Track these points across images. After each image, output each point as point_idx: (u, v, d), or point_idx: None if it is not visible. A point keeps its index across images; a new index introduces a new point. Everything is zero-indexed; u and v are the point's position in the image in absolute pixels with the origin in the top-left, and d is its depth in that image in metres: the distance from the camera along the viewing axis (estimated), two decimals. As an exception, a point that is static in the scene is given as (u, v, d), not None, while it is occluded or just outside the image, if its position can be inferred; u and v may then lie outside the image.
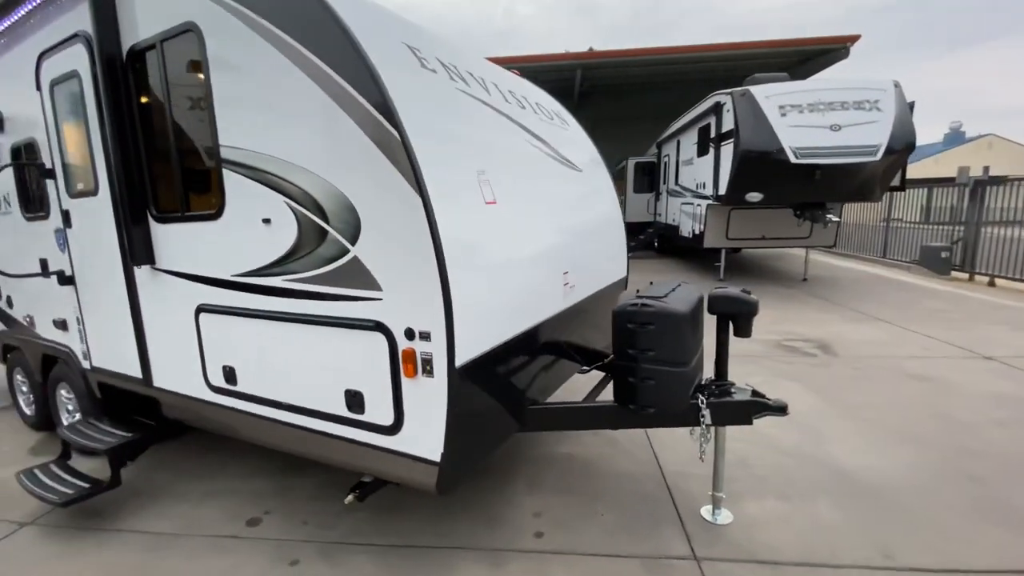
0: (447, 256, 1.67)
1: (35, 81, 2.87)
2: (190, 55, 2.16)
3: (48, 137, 2.93)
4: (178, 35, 2.18)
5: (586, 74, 16.34)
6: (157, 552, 2.46)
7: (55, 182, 2.97)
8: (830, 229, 9.22)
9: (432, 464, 1.81)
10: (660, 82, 17.68)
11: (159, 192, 2.51)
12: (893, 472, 2.99)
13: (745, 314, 2.34)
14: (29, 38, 2.91)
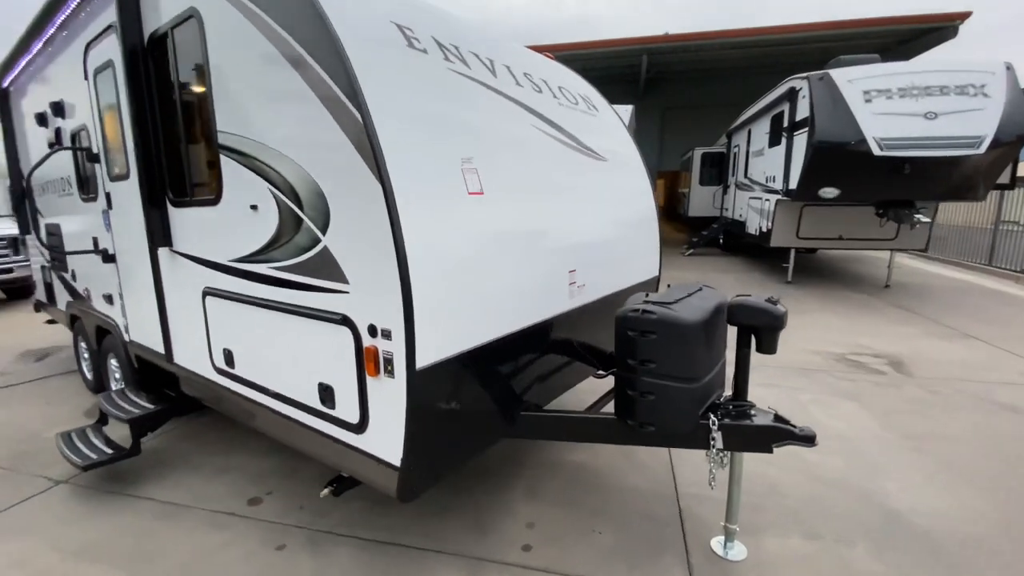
0: (410, 250, 1.55)
1: (83, 70, 3.06)
2: (194, 40, 2.17)
3: (93, 123, 3.12)
4: (184, 21, 2.21)
5: (653, 60, 15.54)
6: (163, 521, 2.57)
7: (100, 166, 3.17)
8: (920, 231, 8.17)
9: (393, 468, 1.72)
10: (736, 67, 16.51)
11: (175, 177, 2.58)
12: (954, 519, 2.54)
13: (768, 327, 2.04)
14: (81, 30, 3.10)
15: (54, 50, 3.50)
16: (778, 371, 4.71)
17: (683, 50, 14.75)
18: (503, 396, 2.18)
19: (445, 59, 2.07)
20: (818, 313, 7.02)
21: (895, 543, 2.37)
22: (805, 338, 5.77)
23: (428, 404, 1.70)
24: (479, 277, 1.87)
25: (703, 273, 10.64)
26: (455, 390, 1.84)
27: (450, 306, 1.74)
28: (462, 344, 1.80)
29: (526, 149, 2.31)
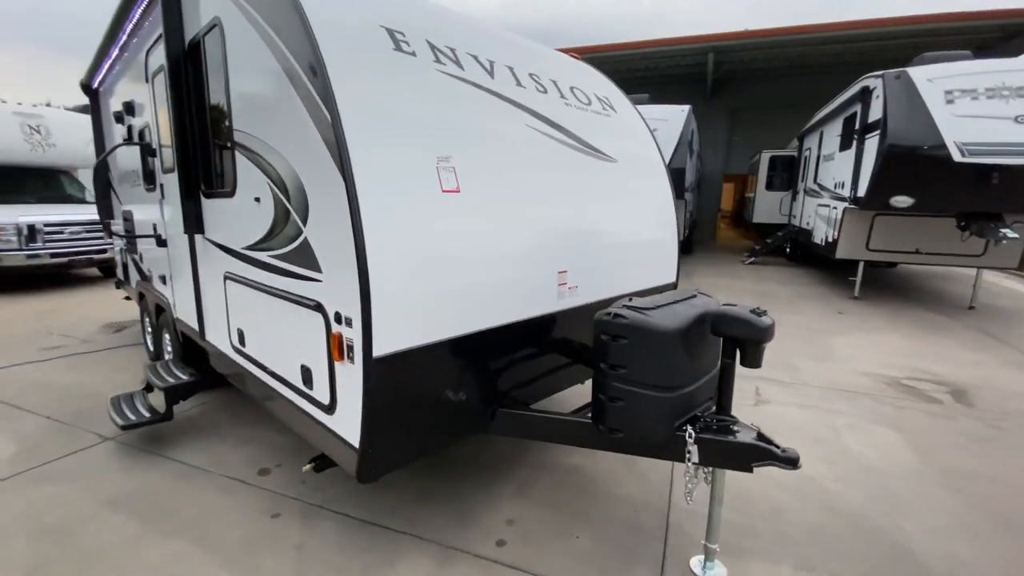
0: (369, 242, 1.63)
1: (144, 73, 3.43)
2: (218, 46, 2.38)
3: (153, 121, 3.49)
4: (211, 29, 2.43)
5: (721, 58, 14.84)
6: (183, 481, 2.84)
7: (157, 160, 3.53)
8: (1011, 247, 7.28)
9: (353, 449, 1.81)
10: (813, 66, 15.42)
11: (207, 171, 2.84)
12: (974, 570, 2.28)
13: (751, 339, 1.94)
14: (146, 37, 3.47)
15: (128, 55, 3.94)
16: (819, 392, 4.40)
17: (754, 47, 13.98)
18: (478, 391, 2.22)
19: (436, 61, 2.14)
20: (881, 333, 6.46)
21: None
22: (860, 358, 5.34)
23: (387, 391, 1.77)
24: (450, 272, 1.92)
25: (759, 284, 10.06)
26: (419, 380, 1.90)
27: (414, 298, 1.80)
28: (427, 336, 1.86)
29: (517, 149, 2.33)
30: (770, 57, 14.91)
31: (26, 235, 7.50)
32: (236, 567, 2.18)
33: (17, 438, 3.29)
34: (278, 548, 2.31)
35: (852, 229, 8.40)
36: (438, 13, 2.43)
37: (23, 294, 7.71)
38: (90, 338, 5.70)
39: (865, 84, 7.60)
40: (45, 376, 4.45)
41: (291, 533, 2.42)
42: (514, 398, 2.42)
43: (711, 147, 18.79)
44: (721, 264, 12.98)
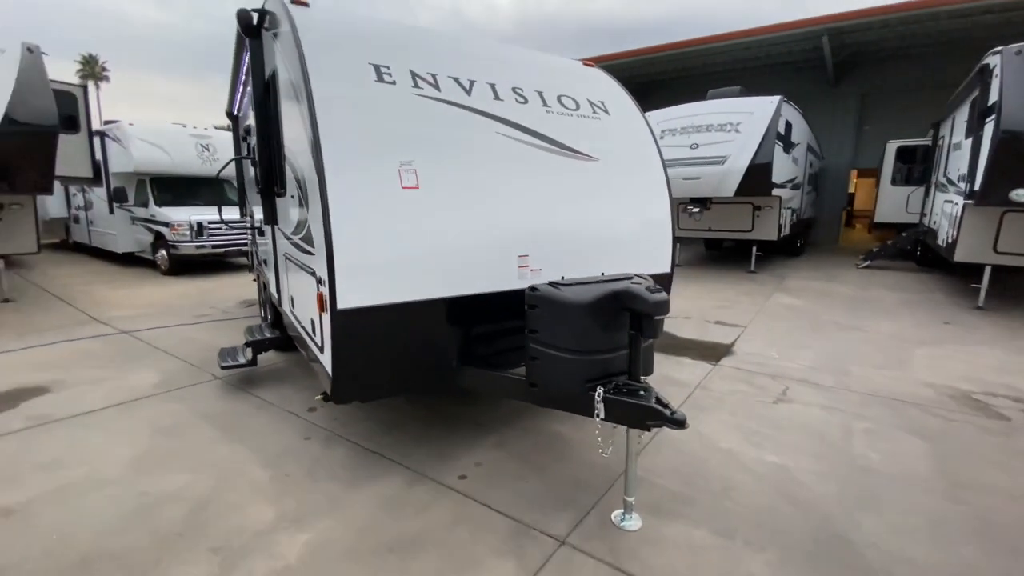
0: (335, 225, 2.26)
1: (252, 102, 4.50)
2: (275, 87, 3.21)
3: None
4: (273, 74, 3.27)
5: (838, 40, 13.38)
6: (256, 410, 3.78)
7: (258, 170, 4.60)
8: None
9: (329, 377, 2.46)
10: (961, 41, 13.22)
11: (278, 176, 3.73)
12: (920, 567, 2.25)
13: (645, 313, 2.21)
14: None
15: (242, 91, 5.12)
16: (857, 398, 4.16)
17: (880, 25, 12.43)
18: (440, 348, 2.75)
19: (414, 86, 2.71)
20: (985, 346, 5.66)
21: (813, 563, 2.25)
22: (937, 371, 4.82)
23: (350, 336, 2.39)
24: (406, 250, 2.48)
25: (862, 290, 9.08)
26: (380, 331, 2.49)
27: (372, 268, 2.39)
28: (385, 298, 2.44)
29: (483, 153, 2.81)
30: (904, 35, 13.11)
31: (196, 230, 9.64)
32: (269, 465, 2.98)
33: (162, 372, 4.56)
34: (301, 458, 3.07)
35: (973, 228, 7.33)
36: (431, 47, 3.01)
37: (191, 276, 9.91)
38: (229, 310, 7.28)
39: (986, 62, 6.62)
40: (193, 334, 5.90)
41: (314, 450, 3.18)
42: (481, 359, 2.91)
43: (835, 138, 16.96)
44: (829, 268, 11.83)
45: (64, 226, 13.56)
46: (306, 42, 2.50)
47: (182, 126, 10.69)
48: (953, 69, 13.02)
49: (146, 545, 2.30)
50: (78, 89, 8.54)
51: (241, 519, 2.49)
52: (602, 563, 2.21)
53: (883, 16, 11.86)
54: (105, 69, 60.32)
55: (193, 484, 2.79)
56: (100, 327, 6.12)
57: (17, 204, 7.37)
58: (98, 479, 2.84)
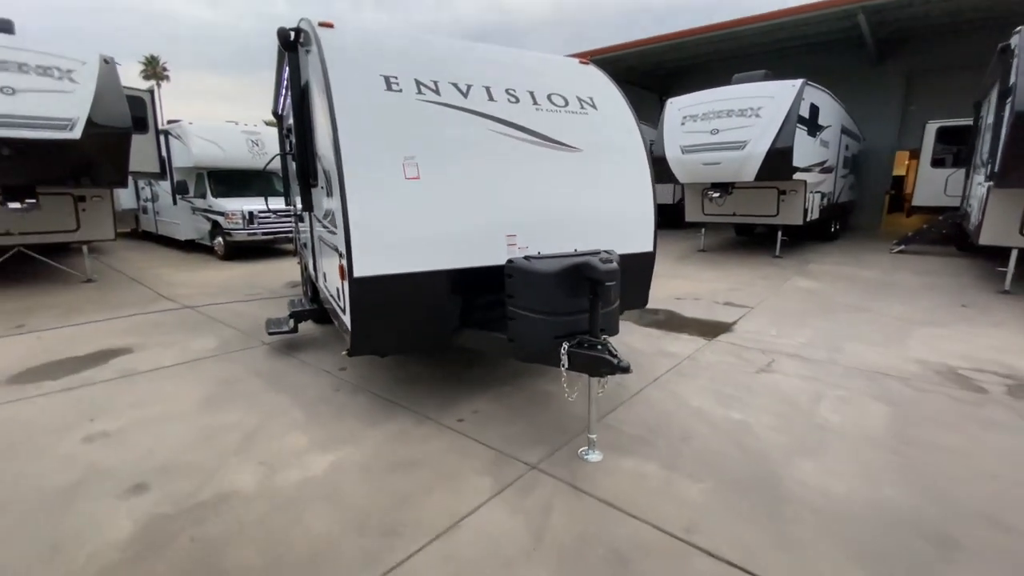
0: (351, 208, 2.82)
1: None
2: (309, 94, 3.81)
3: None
4: (306, 82, 3.86)
5: (878, 17, 12.91)
6: (295, 368, 4.47)
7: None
8: None
9: (347, 333, 3.06)
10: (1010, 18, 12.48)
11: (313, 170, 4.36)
12: (837, 501, 2.62)
13: (596, 280, 2.66)
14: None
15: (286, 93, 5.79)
16: (841, 371, 4.41)
17: (923, 1, 11.94)
18: (440, 312, 3.29)
19: (418, 93, 3.23)
20: (995, 328, 5.72)
21: (740, 492, 2.66)
22: (932, 349, 4.98)
23: (365, 299, 2.96)
24: (408, 229, 3.02)
25: (889, 274, 9.03)
26: (388, 296, 3.05)
27: (381, 244, 2.95)
28: (392, 269, 2.99)
29: (476, 147, 3.31)
30: (951, 11, 12.53)
31: (247, 219, 10.61)
32: (305, 408, 3.64)
33: (219, 339, 5.35)
34: (330, 404, 3.72)
35: (999, 210, 7.23)
36: (435, 56, 3.52)
37: (243, 261, 10.91)
38: (276, 290, 8.12)
39: (1007, 42, 6.50)
40: (245, 309, 6.73)
41: (341, 398, 3.82)
42: (476, 323, 3.44)
43: (878, 119, 16.36)
44: (861, 252, 11.66)
45: (134, 216, 15.02)
46: (329, 59, 3.07)
47: (234, 123, 11.69)
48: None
49: (210, 459, 2.98)
50: (146, 94, 9.57)
51: (281, 444, 3.14)
52: (561, 482, 2.72)
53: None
54: (166, 69, 64.20)
55: (245, 420, 3.47)
56: (168, 303, 7.06)
57: (98, 196, 8.44)
58: (173, 414, 3.58)
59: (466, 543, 2.27)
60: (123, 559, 2.17)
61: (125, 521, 2.42)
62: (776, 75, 10.18)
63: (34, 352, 4.88)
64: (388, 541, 2.28)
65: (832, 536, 2.33)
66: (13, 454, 3.04)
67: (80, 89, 6.81)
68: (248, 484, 2.72)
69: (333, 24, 3.41)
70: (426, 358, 4.59)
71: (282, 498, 2.60)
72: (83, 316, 6.25)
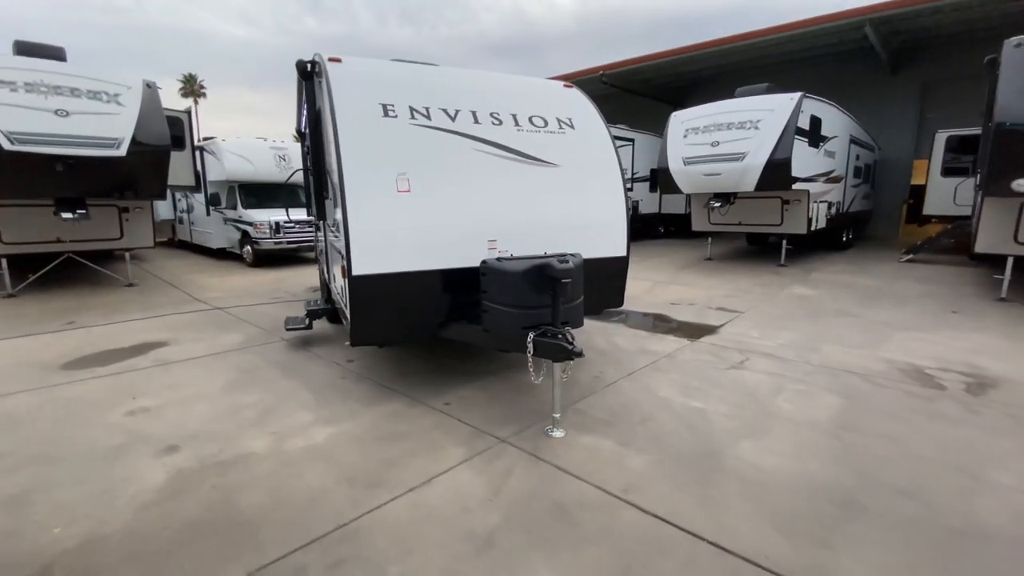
0: (351, 218, 3.34)
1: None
2: (320, 119, 4.37)
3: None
4: (319, 108, 4.43)
5: (888, 28, 13.04)
6: (309, 361, 5.01)
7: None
8: None
9: (347, 324, 3.56)
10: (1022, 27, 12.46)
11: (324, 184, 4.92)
12: (767, 473, 2.97)
13: (555, 278, 3.10)
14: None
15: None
16: (809, 368, 4.70)
17: (932, 11, 12.05)
18: (429, 306, 3.77)
19: (411, 118, 3.75)
20: (980, 332, 5.89)
21: (680, 463, 3.04)
22: (907, 350, 5.21)
23: (363, 295, 3.46)
24: (400, 234, 3.52)
25: (890, 282, 9.15)
26: (386, 293, 3.54)
27: (377, 248, 3.45)
28: (386, 268, 3.49)
29: (462, 165, 3.80)
30: (963, 20, 12.59)
31: (274, 229, 11.37)
32: (313, 391, 4.16)
33: (243, 335, 5.95)
34: (337, 389, 4.23)
35: (992, 219, 7.37)
36: (429, 84, 4.04)
37: (270, 268, 11.67)
38: (298, 294, 8.77)
39: (995, 55, 6.71)
40: (269, 310, 7.36)
41: (347, 385, 4.33)
42: (462, 318, 3.90)
43: (894, 128, 16.36)
44: (867, 262, 11.73)
45: (171, 226, 16.09)
46: (336, 90, 3.62)
47: (263, 140, 12.56)
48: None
49: (231, 429, 3.51)
50: (183, 114, 10.46)
51: (291, 419, 3.65)
52: (524, 452, 3.15)
53: (930, 4, 11.53)
54: (203, 86, 67.45)
55: (262, 400, 4.01)
56: (199, 304, 7.75)
57: (139, 208, 9.28)
58: (202, 395, 4.14)
59: (434, 495, 2.72)
60: (159, 498, 2.69)
61: (160, 472, 2.95)
62: (785, 87, 10.46)
63: (83, 344, 5.56)
64: (372, 491, 2.74)
65: (751, 499, 2.69)
66: (70, 423, 3.63)
67: (125, 111, 7.62)
68: (261, 448, 3.23)
69: (341, 59, 3.97)
70: (423, 352, 5.08)
71: (288, 459, 3.10)
72: (125, 315, 6.97)
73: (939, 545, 2.35)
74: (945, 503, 2.66)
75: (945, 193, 12.06)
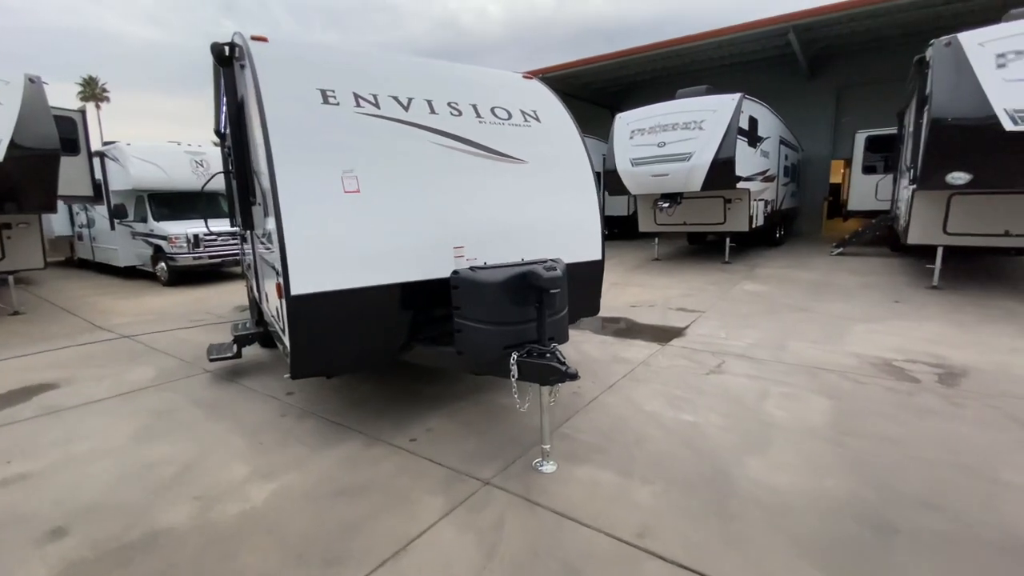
0: (286, 224, 2.73)
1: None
2: (244, 108, 3.70)
3: (236, 155, 5.05)
4: (242, 97, 3.75)
5: (807, 36, 13.82)
6: (240, 395, 4.26)
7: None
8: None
9: (287, 355, 2.93)
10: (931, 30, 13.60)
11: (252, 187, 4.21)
12: (784, 495, 2.67)
13: (540, 288, 2.66)
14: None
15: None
16: (785, 368, 4.58)
17: (848, 19, 12.85)
18: (388, 328, 3.21)
19: (356, 106, 3.19)
20: (925, 321, 6.07)
21: (689, 491, 2.69)
22: (868, 343, 5.22)
23: (304, 318, 2.85)
24: (348, 244, 2.95)
25: (827, 275, 9.51)
26: (333, 314, 2.95)
27: (321, 260, 2.86)
28: (332, 285, 2.90)
29: (419, 160, 3.28)
30: (872, 28, 13.54)
31: (192, 242, 10.16)
32: (247, 436, 3.45)
33: (158, 369, 5.05)
34: (276, 430, 3.54)
35: (924, 212, 7.75)
36: (375, 70, 3.49)
37: (189, 286, 10.41)
38: (223, 315, 7.77)
39: (923, 54, 7.06)
40: (187, 336, 6.39)
41: (287, 424, 3.65)
42: (426, 338, 3.37)
43: (814, 130, 17.39)
44: (803, 256, 12.24)
45: (69, 244, 14.13)
46: (261, 73, 2.99)
47: (177, 144, 11.25)
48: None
49: (140, 496, 2.77)
50: (77, 114, 9.10)
51: (219, 475, 2.96)
52: (515, 496, 2.67)
53: (847, 11, 12.28)
54: (105, 90, 61.40)
55: (181, 452, 3.26)
56: (103, 333, 6.62)
57: (24, 223, 7.90)
58: (102, 450, 3.32)
59: (413, 568, 2.18)
60: (31, 614, 1.97)
61: (40, 570, 2.20)
62: (719, 90, 10.67)
63: (-56, 393, 4.47)
64: (331, 571, 2.16)
65: (779, 530, 2.37)
66: (-91, 507, 2.74)
67: (2, 110, 6.41)
68: (181, 520, 2.54)
69: (267, 38, 3.33)
70: (378, 377, 4.47)
71: (218, 533, 2.44)
72: (6, 351, 5.79)
73: (987, 566, 2.13)
74: (973, 514, 2.47)
75: (867, 189, 12.86)
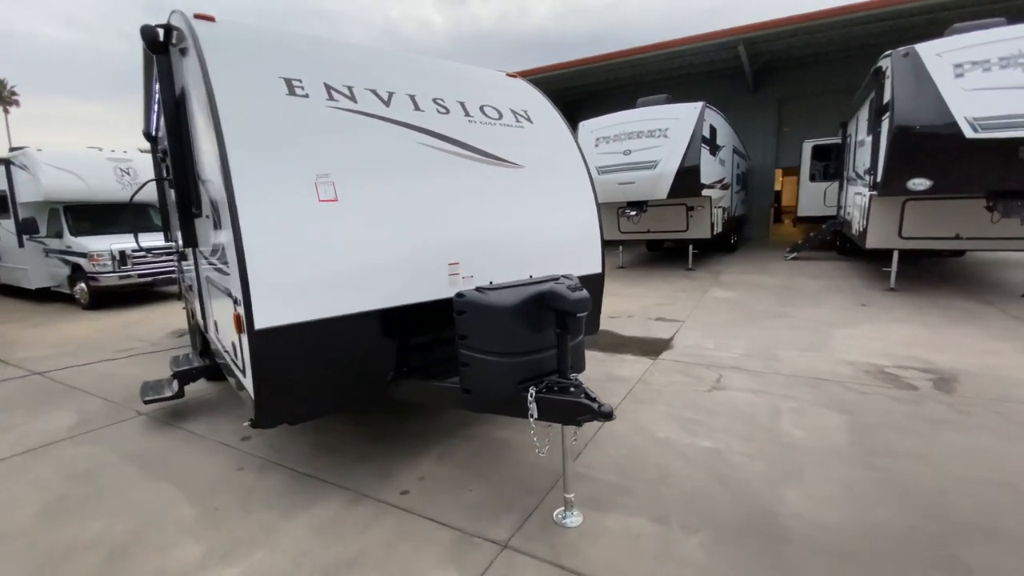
0: (247, 243, 2.18)
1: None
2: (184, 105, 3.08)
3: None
4: (183, 90, 3.13)
5: (753, 49, 14.36)
6: (184, 443, 3.56)
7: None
8: (1057, 227, 6.61)
9: (252, 401, 2.36)
10: (864, 46, 14.48)
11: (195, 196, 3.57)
12: (835, 533, 2.39)
13: (567, 312, 2.26)
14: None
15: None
16: (784, 380, 4.41)
17: (789, 35, 13.43)
18: (373, 363, 2.70)
19: (328, 99, 2.68)
20: (898, 324, 6.15)
21: (740, 539, 2.35)
22: (854, 349, 5.19)
23: (271, 356, 2.31)
24: (326, 264, 2.43)
25: (789, 279, 9.71)
26: (303, 350, 2.42)
27: (291, 285, 2.33)
28: (305, 315, 2.37)
29: (405, 163, 2.81)
30: (812, 43, 14.23)
31: (118, 260, 9.03)
32: (197, 502, 2.81)
33: (79, 413, 4.22)
34: (233, 490, 2.92)
35: (881, 217, 7.98)
36: (348, 59, 2.98)
37: (114, 309, 9.24)
38: (158, 342, 6.84)
39: (879, 65, 7.29)
40: (114, 370, 5.50)
41: (247, 480, 3.03)
42: (417, 371, 2.87)
43: (759, 140, 18.09)
44: (760, 261, 12.54)
45: (-34, 264, 12.34)
46: (210, 58, 2.43)
47: (98, 150, 10.03)
48: (858, 73, 14.22)
49: (53, 600, 2.11)
50: (-27, 114, 7.85)
51: (163, 561, 2.33)
52: (543, 562, 2.23)
53: (790, 26, 12.81)
54: (15, 93, 55.81)
55: (110, 530, 2.59)
56: (7, 370, 5.60)
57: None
58: (1, 534, 2.59)
59: None
60: None
61: None
62: (677, 100, 10.76)
63: None
64: None
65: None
66: None
67: None
68: (111, 635, 1.92)
69: (215, 17, 2.76)
70: (350, 413, 3.89)
71: (164, 651, 1.84)
72: None
73: (1085, 612, 1.90)
74: (1040, 543, 2.27)
75: (816, 196, 13.40)
